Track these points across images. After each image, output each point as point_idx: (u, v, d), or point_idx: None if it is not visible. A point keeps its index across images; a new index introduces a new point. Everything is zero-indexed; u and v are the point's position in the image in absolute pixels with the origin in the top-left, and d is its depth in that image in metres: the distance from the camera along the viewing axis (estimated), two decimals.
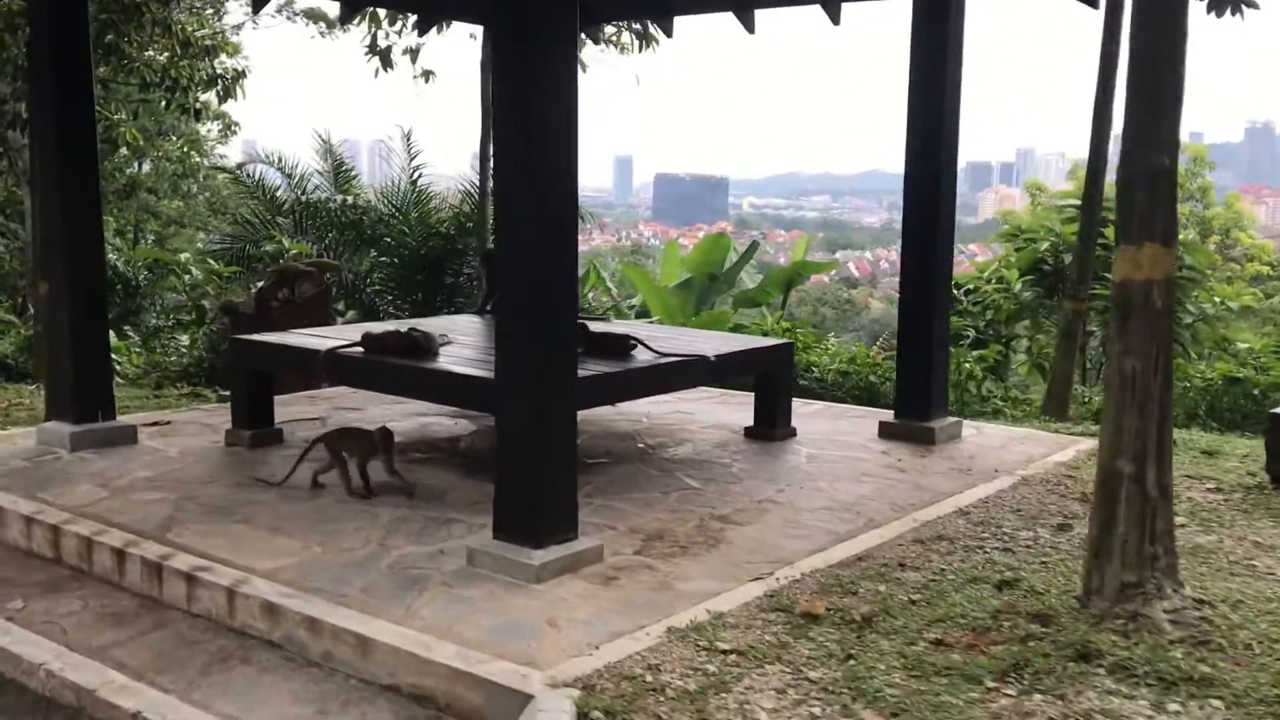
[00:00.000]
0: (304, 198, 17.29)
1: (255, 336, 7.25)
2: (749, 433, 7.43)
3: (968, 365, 12.02)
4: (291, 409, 8.08)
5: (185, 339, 14.94)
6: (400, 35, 14.63)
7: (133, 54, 13.85)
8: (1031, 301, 13.16)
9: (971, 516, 5.78)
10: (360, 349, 6.68)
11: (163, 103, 16.24)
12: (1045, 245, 13.23)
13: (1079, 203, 13.81)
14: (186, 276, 15.17)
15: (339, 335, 7.31)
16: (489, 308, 8.52)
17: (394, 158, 17.96)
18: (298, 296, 10.02)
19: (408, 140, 18.13)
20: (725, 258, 15.40)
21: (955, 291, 14.24)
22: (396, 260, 16.73)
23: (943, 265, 7.42)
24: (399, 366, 6.37)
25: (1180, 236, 13.59)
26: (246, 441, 7.13)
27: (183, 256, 15.50)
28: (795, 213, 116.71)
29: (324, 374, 6.88)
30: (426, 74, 14.96)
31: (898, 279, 7.43)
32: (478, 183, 15.83)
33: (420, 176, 18.17)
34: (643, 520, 5.67)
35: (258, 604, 4.69)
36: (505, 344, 4.88)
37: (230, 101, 19.83)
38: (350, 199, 17.88)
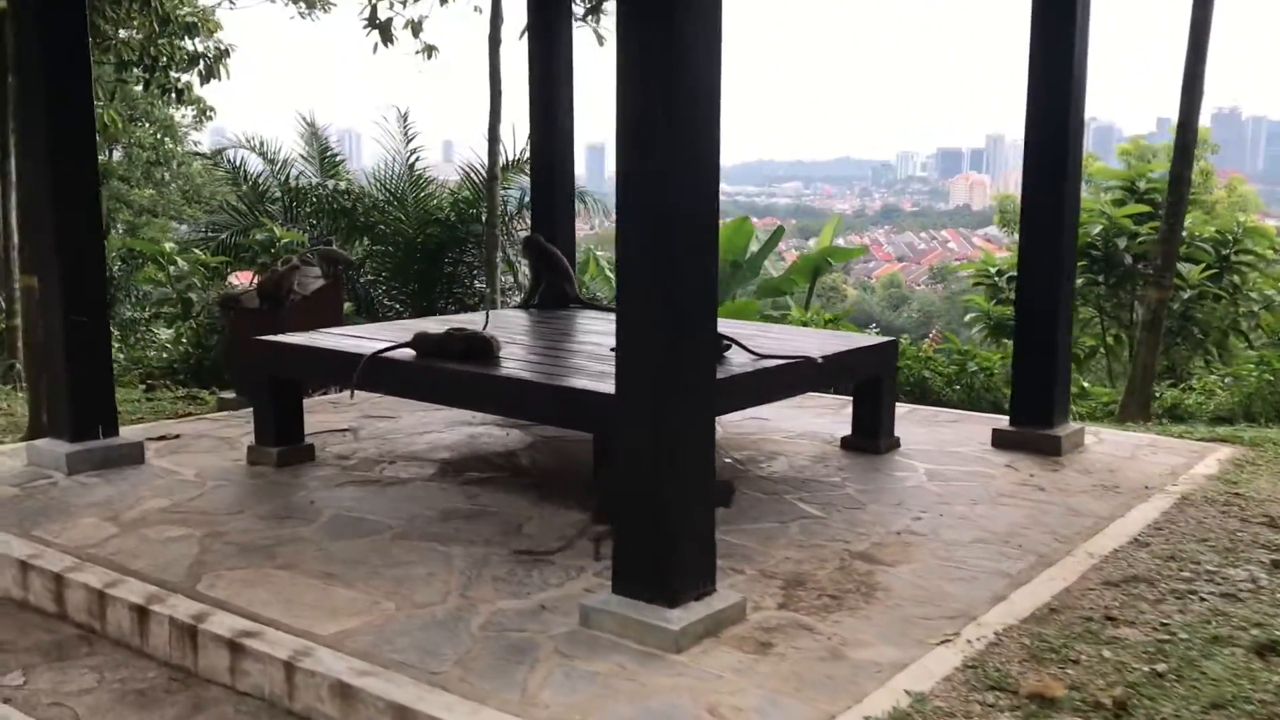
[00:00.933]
0: (290, 183, 16.18)
1: (282, 339, 6.19)
2: (847, 444, 6.47)
3: None
4: (314, 418, 7.03)
5: (169, 332, 13.77)
6: (405, 5, 13.49)
7: (108, 31, 12.64)
8: (1083, 289, 12.26)
9: (1154, 549, 4.83)
10: (410, 351, 5.64)
11: (140, 84, 15.02)
12: (1097, 229, 12.32)
13: (1127, 184, 12.96)
14: (172, 268, 13.98)
15: (374, 335, 6.27)
16: (535, 302, 7.48)
17: (389, 140, 16.86)
18: (298, 290, 8.93)
19: (404, 121, 17.02)
20: (747, 244, 14.43)
21: (996, 279, 13.39)
22: (392, 249, 15.65)
23: (1069, 252, 6.47)
24: (467, 375, 5.34)
25: (1242, 218, 12.79)
26: (274, 460, 6.08)
27: (167, 246, 14.30)
28: (768, 199, 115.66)
29: (359, 381, 5.85)
30: (429, 49, 13.82)
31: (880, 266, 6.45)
32: (486, 164, 14.75)
33: (417, 160, 17.08)
34: (771, 560, 4.68)
35: (326, 685, 3.67)
36: (632, 357, 3.86)
37: (214, 81, 18.61)
38: (344, 184, 16.78)
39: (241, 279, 16.20)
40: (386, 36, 13.70)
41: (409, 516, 5.27)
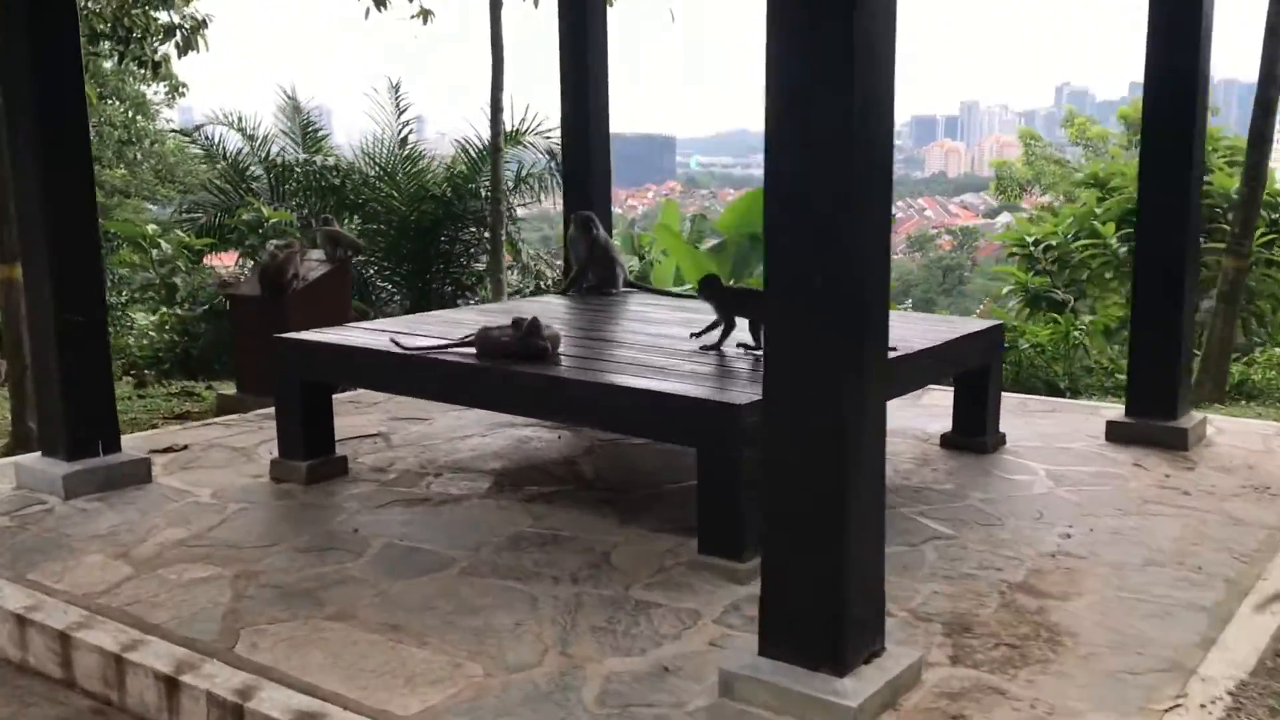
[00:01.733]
0: (272, 160, 15.25)
1: (312, 336, 5.35)
2: (948, 441, 5.73)
3: (1076, 333, 10.41)
4: (337, 421, 6.18)
5: (152, 319, 12.85)
6: None
7: None
8: (1127, 257, 11.51)
9: None
10: (469, 349, 4.83)
11: (114, 57, 13.99)
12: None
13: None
14: (155, 251, 13.04)
15: (415, 330, 5.44)
16: (584, 286, 6.67)
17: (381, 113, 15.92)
18: (302, 276, 8.06)
19: (396, 93, 16.06)
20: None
21: (1033, 249, 12.66)
22: (384, 227, 14.75)
23: (1195, 221, 5.71)
24: (539, 380, 4.52)
25: None
26: (303, 476, 5.26)
27: (150, 228, 13.35)
28: (744, 170, 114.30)
29: (397, 383, 5.02)
30: (424, 13, 12.86)
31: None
32: (486, 136, 13.87)
33: (410, 133, 16.14)
34: (918, 596, 3.92)
35: None
36: (786, 363, 3.07)
37: (192, 54, 17.57)
38: (332, 160, 15.83)
39: (224, 261, 15.30)
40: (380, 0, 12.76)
41: (473, 545, 4.47)
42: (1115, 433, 5.83)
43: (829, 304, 2.98)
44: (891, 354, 4.76)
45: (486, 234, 14.55)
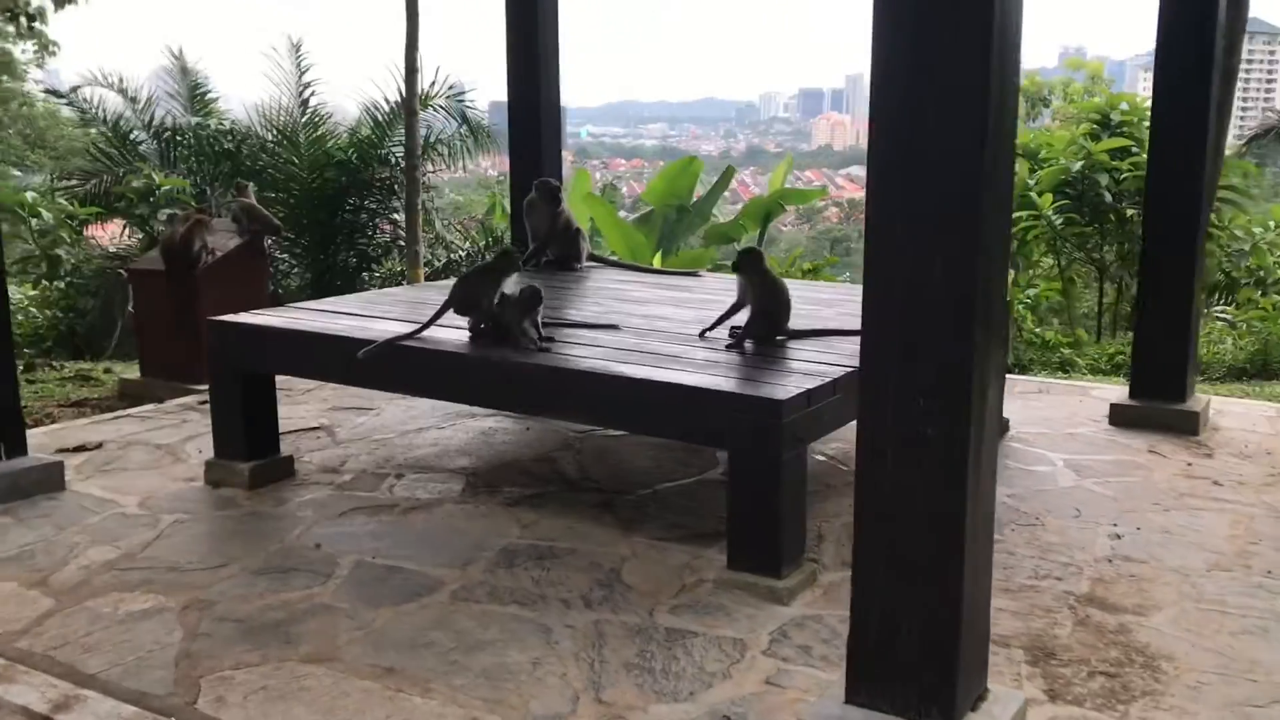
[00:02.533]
0: (158, 124, 14.16)
1: (256, 320, 4.64)
2: None
3: (1021, 306, 10.17)
4: None
5: (34, 293, 11.79)
6: None
7: None
8: (1063, 229, 11.33)
9: None
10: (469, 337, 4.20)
11: None
12: (1079, 165, 11.38)
13: (1100, 117, 12.07)
14: (35, 220, 11.91)
15: (370, 310, 4.79)
16: (543, 260, 6.06)
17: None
18: (211, 249, 7.23)
19: (296, 52, 15.03)
20: (693, 186, 13.17)
21: None
22: (284, 195, 13.80)
23: (1205, 195, 5.36)
24: (539, 371, 3.92)
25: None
26: (245, 479, 4.57)
27: (29, 195, 12.20)
28: (634, 141, 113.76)
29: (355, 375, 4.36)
30: None
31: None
32: (399, 98, 13.03)
33: (312, 94, 15.14)
34: None
35: None
36: (895, 366, 2.54)
37: (70, 6, 16.22)
38: (227, 124, 14.78)
39: (108, 232, 14.17)
40: None
41: (460, 562, 3.87)
42: (1121, 416, 5.49)
43: (948, 297, 2.46)
44: None
45: (397, 203, 13.75)
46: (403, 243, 13.58)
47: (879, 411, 2.60)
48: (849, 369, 3.84)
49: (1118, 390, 6.02)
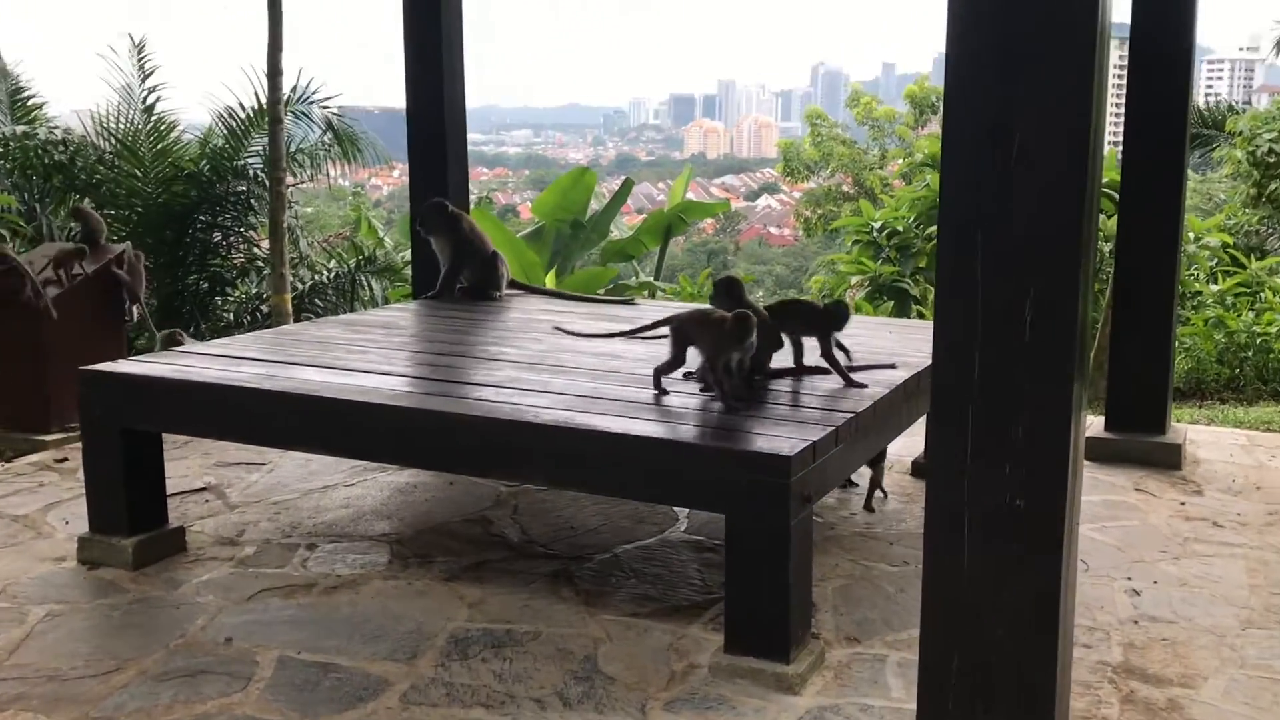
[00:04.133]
0: None
1: (144, 369, 4.14)
2: (921, 469, 5.11)
3: None
4: None
5: None
6: None
7: None
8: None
9: None
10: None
11: None
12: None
13: None
14: None
15: (271, 352, 4.35)
16: (459, 288, 5.70)
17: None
18: (58, 279, 6.53)
19: (139, 53, 14.23)
20: (588, 199, 12.84)
21: (876, 235, 12.45)
22: (125, 211, 13.00)
23: (1180, 205, 5.30)
24: (510, 427, 3.55)
25: None
26: (129, 558, 4.07)
27: None
28: (496, 148, 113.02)
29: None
30: None
31: None
32: (261, 104, 12.38)
33: (157, 100, 14.33)
34: None
35: None
36: (979, 411, 2.28)
37: None
38: (59, 133, 13.88)
39: None
40: None
41: (404, 653, 3.47)
42: (1098, 450, 5.38)
43: (1043, 341, 2.22)
44: (890, 370, 4.15)
45: (254, 219, 13.09)
46: (261, 263, 12.94)
47: (952, 479, 2.33)
48: (846, 414, 3.59)
49: (1089, 421, 5.92)
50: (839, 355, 4.01)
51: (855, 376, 3.96)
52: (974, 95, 2.22)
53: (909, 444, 5.14)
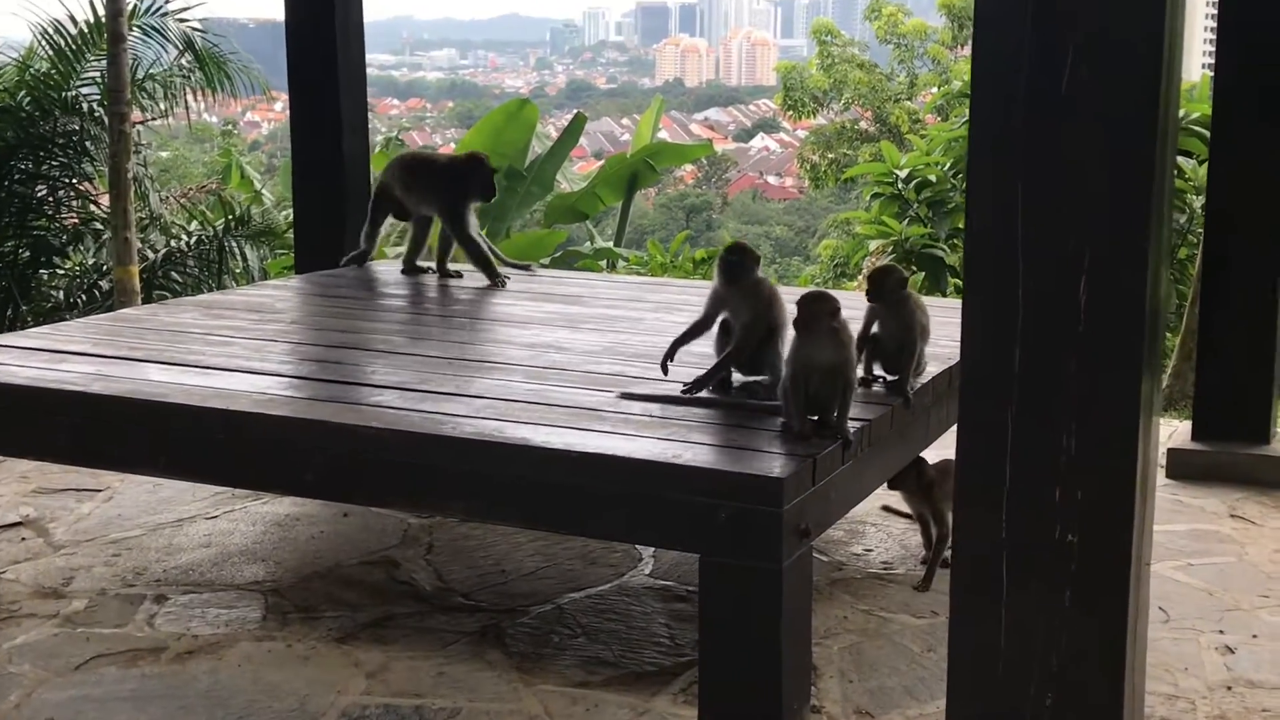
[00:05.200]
0: None
1: None
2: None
3: None
4: None
5: None
6: None
7: None
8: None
9: None
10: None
11: None
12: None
13: None
14: None
15: (103, 344, 4.33)
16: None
17: None
18: None
19: None
20: (528, 140, 12.81)
21: (903, 187, 12.52)
22: None
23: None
24: (423, 442, 3.56)
25: None
26: None
27: None
28: (411, 73, 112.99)
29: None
30: None
31: None
32: (99, 17, 12.31)
33: None
34: None
35: None
36: (1007, 434, 2.32)
37: None
38: None
39: None
40: None
41: None
42: (1184, 465, 5.48)
43: (1102, 329, 2.25)
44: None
45: (90, 168, 13.03)
46: (99, 225, 12.88)
47: (986, 506, 2.36)
48: (857, 422, 3.61)
49: (1172, 428, 6.00)
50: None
51: None
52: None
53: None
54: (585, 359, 4.27)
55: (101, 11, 12.17)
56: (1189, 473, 5.46)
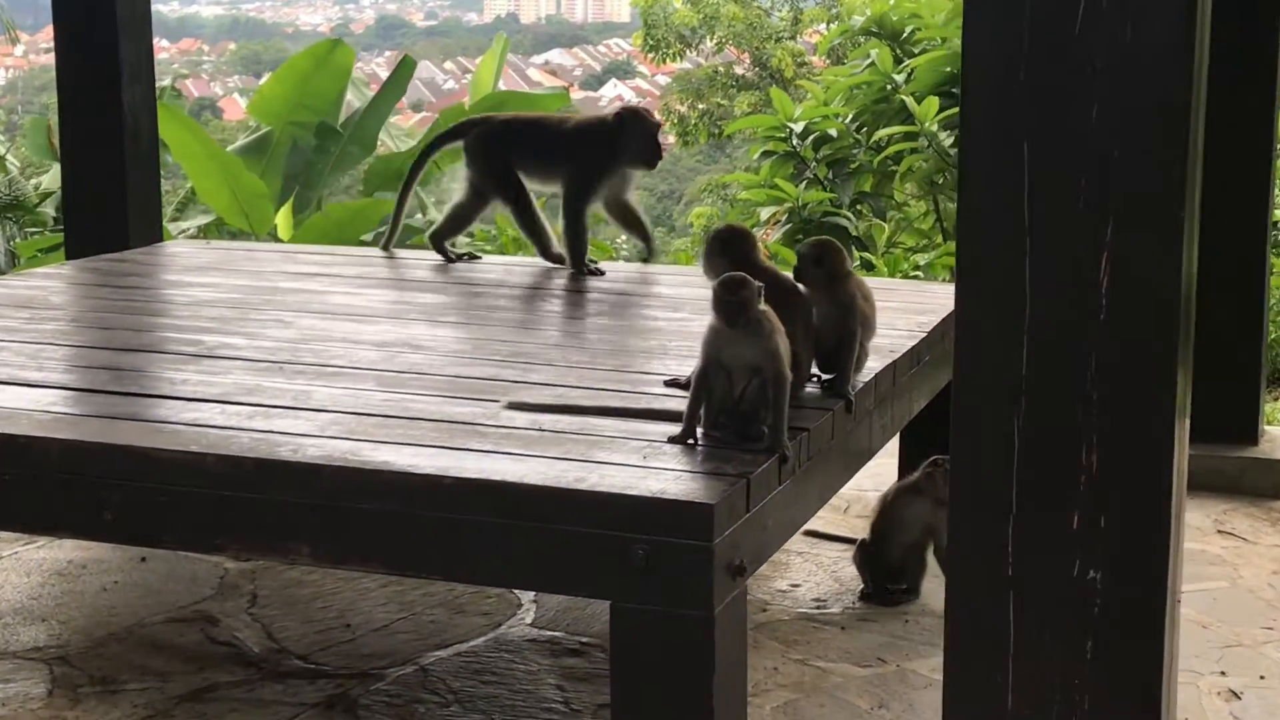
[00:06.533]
0: None
1: None
2: None
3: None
4: None
5: None
6: None
7: None
8: (953, 153, 11.70)
9: None
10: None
11: None
12: None
13: None
14: None
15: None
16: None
17: None
18: None
19: None
20: (342, 91, 12.62)
21: (798, 143, 12.60)
22: None
23: (1271, 112, 5.53)
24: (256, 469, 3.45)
25: None
26: None
27: None
28: (183, 7, 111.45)
29: None
30: None
31: None
32: None
33: None
34: None
35: None
36: (1011, 449, 2.31)
37: None
38: None
39: None
40: None
41: None
42: None
43: (1130, 292, 2.24)
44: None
45: None
46: None
47: (988, 539, 2.33)
48: (798, 429, 3.58)
49: None
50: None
51: None
52: None
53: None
54: (451, 360, 4.25)
55: None
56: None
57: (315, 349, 4.35)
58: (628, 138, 5.48)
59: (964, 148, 2.35)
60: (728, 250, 3.93)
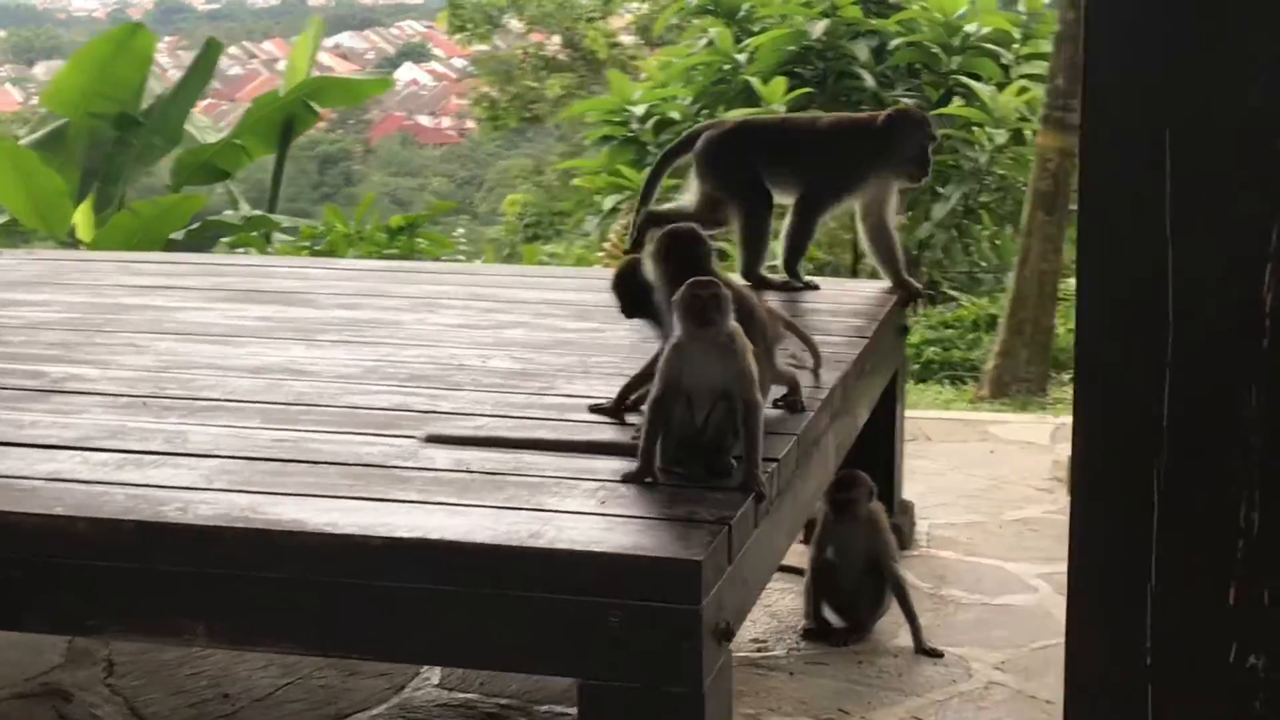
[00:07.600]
0: None
1: None
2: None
3: None
4: None
5: None
6: None
7: None
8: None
9: None
10: None
11: None
12: (821, 27, 11.76)
13: None
14: None
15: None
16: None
17: None
18: None
19: None
20: (144, 78, 12.22)
21: (638, 127, 12.44)
22: None
23: None
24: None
25: None
26: None
27: None
28: None
29: None
30: None
31: None
32: None
33: None
34: None
35: None
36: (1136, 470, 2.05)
37: None
38: None
39: None
40: None
41: None
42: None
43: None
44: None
45: None
46: None
47: (1120, 619, 2.01)
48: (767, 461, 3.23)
49: (1051, 426, 5.94)
50: None
51: None
52: None
53: None
54: (343, 388, 3.94)
55: None
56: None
57: (180, 378, 4.01)
58: (899, 141, 5.03)
59: (1086, 142, 2.00)
60: (681, 253, 3.55)
